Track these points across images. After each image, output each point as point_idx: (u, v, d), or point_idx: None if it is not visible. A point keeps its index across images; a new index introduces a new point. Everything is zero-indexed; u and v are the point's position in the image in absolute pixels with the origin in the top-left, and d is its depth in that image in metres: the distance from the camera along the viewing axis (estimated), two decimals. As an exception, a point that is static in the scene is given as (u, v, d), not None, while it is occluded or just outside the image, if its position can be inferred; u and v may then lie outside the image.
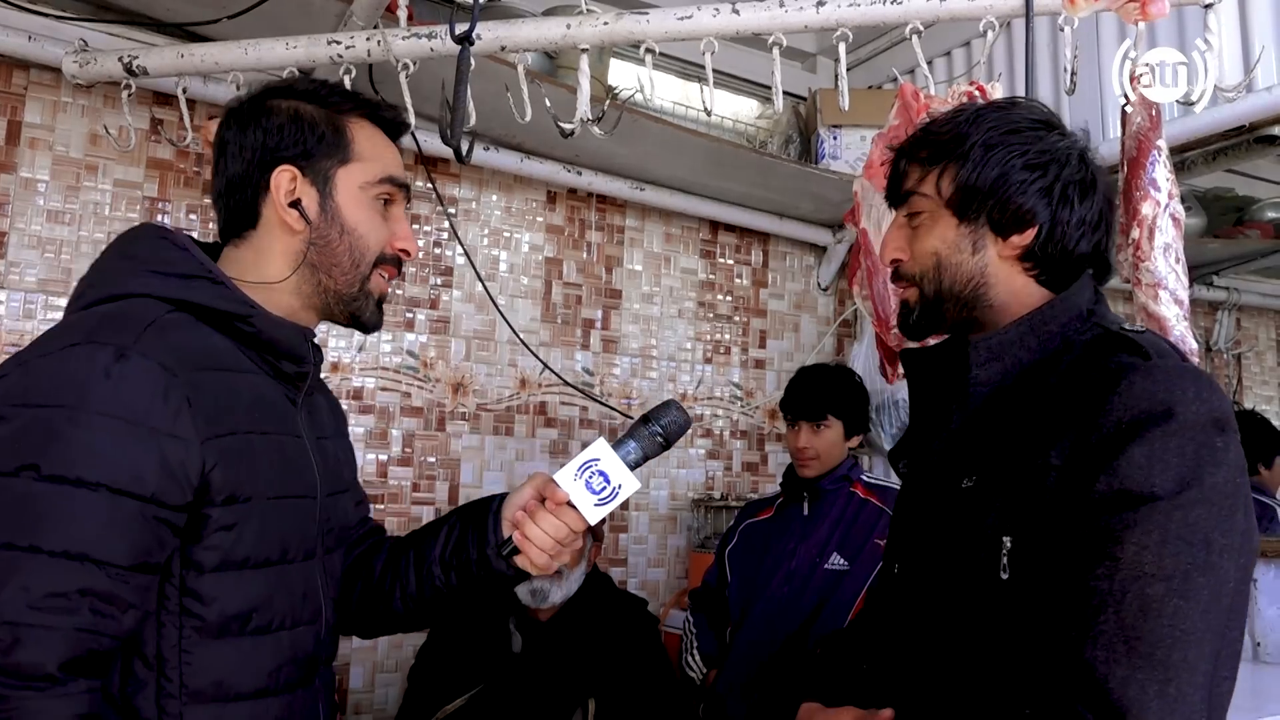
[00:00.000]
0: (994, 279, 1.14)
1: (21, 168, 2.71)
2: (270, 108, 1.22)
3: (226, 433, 1.06)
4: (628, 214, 3.60)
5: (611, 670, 2.39)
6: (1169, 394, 0.97)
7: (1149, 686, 0.89)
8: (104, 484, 0.96)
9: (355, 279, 1.22)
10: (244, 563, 1.08)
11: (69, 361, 0.99)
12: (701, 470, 3.66)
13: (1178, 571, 0.91)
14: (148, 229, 1.20)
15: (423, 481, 3.16)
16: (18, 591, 0.92)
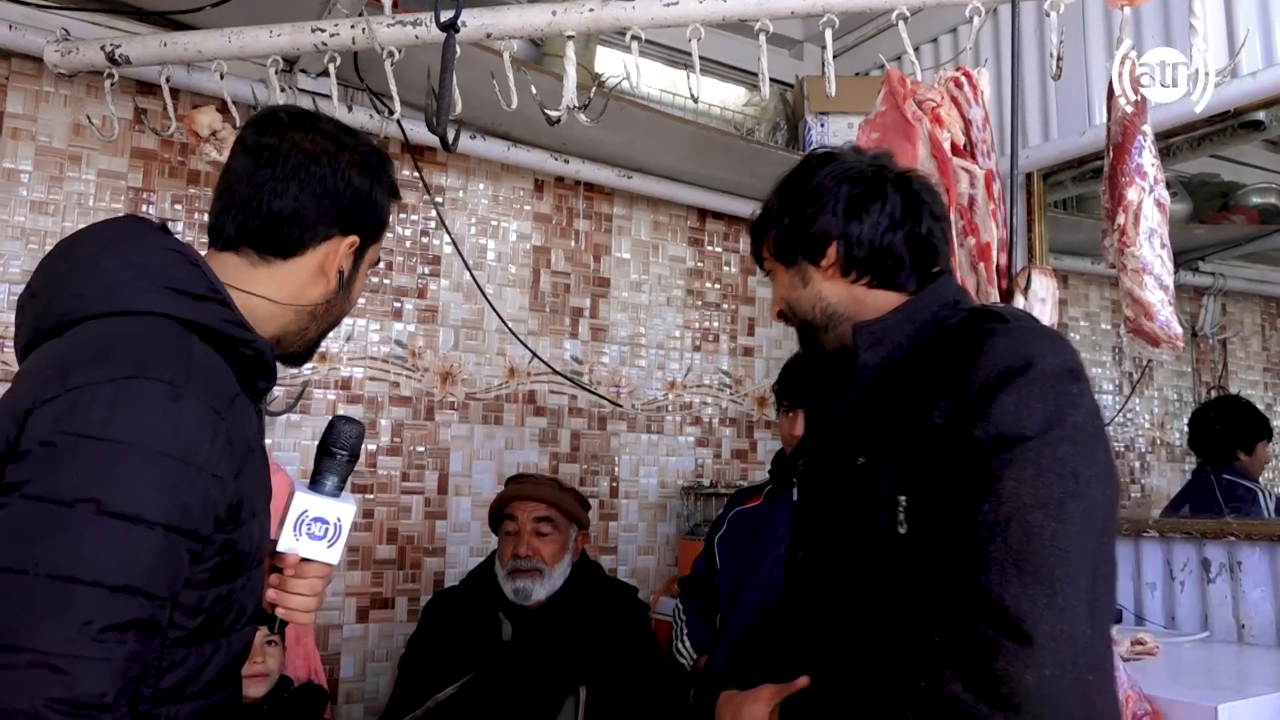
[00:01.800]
0: (831, 297, 1.32)
1: (4, 158, 2.69)
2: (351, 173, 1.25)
3: (245, 464, 1.11)
4: (615, 202, 3.60)
5: (602, 658, 2.40)
6: (1027, 349, 1.11)
7: (1039, 599, 0.99)
8: (161, 523, 0.99)
9: (321, 337, 1.32)
10: (223, 578, 1.12)
11: (128, 395, 1.00)
12: (691, 458, 3.67)
13: (1052, 500, 1.02)
14: (145, 230, 1.19)
15: (412, 471, 3.16)
16: (81, 625, 0.93)
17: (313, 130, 1.26)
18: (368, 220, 1.27)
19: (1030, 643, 0.99)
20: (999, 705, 0.99)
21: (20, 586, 0.93)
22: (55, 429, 0.97)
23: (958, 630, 1.03)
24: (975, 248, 1.93)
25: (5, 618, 0.92)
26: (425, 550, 3.16)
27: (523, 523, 2.47)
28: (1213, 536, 2.59)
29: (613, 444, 3.52)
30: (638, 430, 3.57)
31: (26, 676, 0.91)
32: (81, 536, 0.95)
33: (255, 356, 1.18)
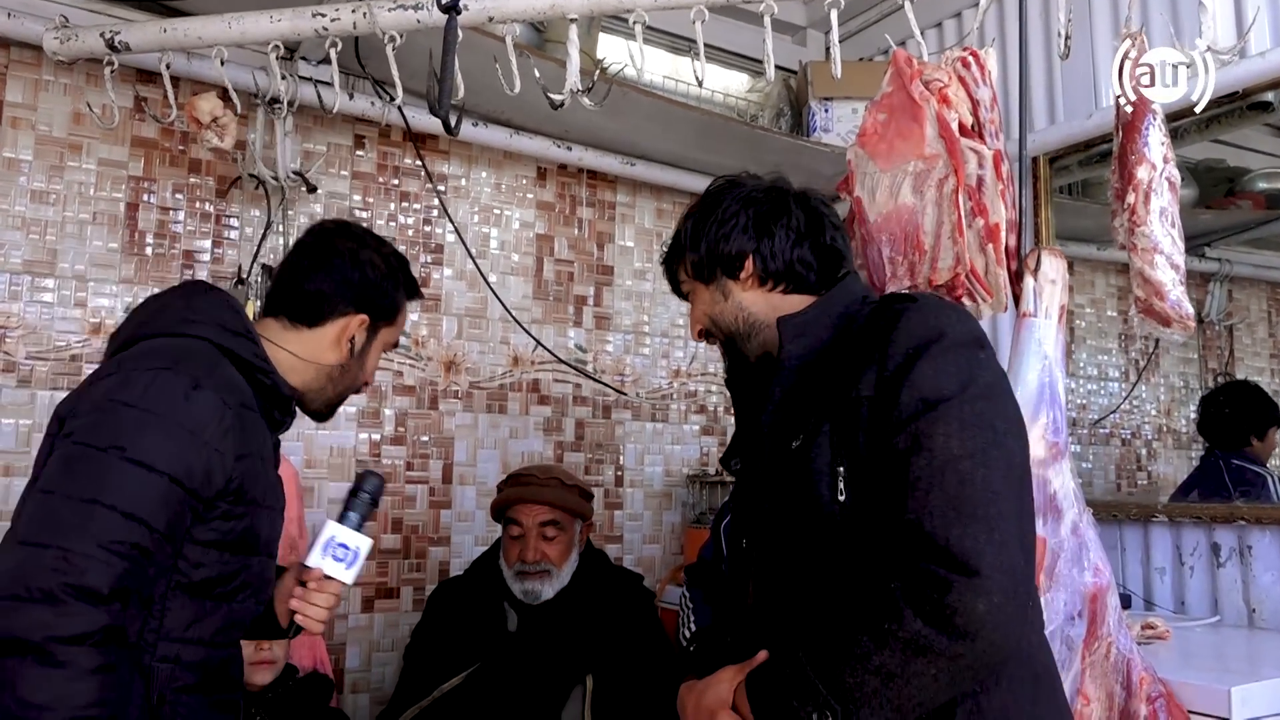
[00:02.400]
0: (752, 307, 1.44)
1: (4, 148, 2.67)
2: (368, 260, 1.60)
3: (248, 454, 1.42)
4: (619, 190, 3.58)
5: (609, 647, 2.39)
6: (938, 320, 1.24)
7: (980, 536, 1.10)
8: (167, 474, 1.30)
9: (342, 396, 1.65)
10: (228, 545, 1.41)
11: (160, 381, 1.35)
12: (696, 446, 3.65)
13: (977, 450, 1.14)
14: (209, 288, 1.58)
15: (416, 460, 3.15)
16: (94, 533, 1.24)
17: (345, 234, 1.65)
18: (379, 304, 1.61)
19: (978, 574, 1.09)
20: (956, 634, 1.09)
21: (57, 503, 1.26)
22: (106, 397, 1.34)
23: (910, 574, 1.12)
24: (984, 228, 1.91)
25: (42, 523, 1.25)
26: (430, 540, 3.15)
27: (528, 527, 2.46)
28: (1223, 521, 2.57)
29: (617, 432, 3.50)
30: (642, 419, 3.55)
31: (51, 565, 1.21)
32: (107, 473, 1.27)
33: (272, 387, 1.51)
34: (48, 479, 1.30)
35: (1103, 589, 1.74)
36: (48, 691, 1.18)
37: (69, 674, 1.19)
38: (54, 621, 1.19)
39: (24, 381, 2.65)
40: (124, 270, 2.80)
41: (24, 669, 1.17)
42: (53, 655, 1.18)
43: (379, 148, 3.16)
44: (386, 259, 1.64)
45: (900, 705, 1.12)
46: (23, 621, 1.18)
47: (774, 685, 1.21)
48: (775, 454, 1.35)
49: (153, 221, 2.84)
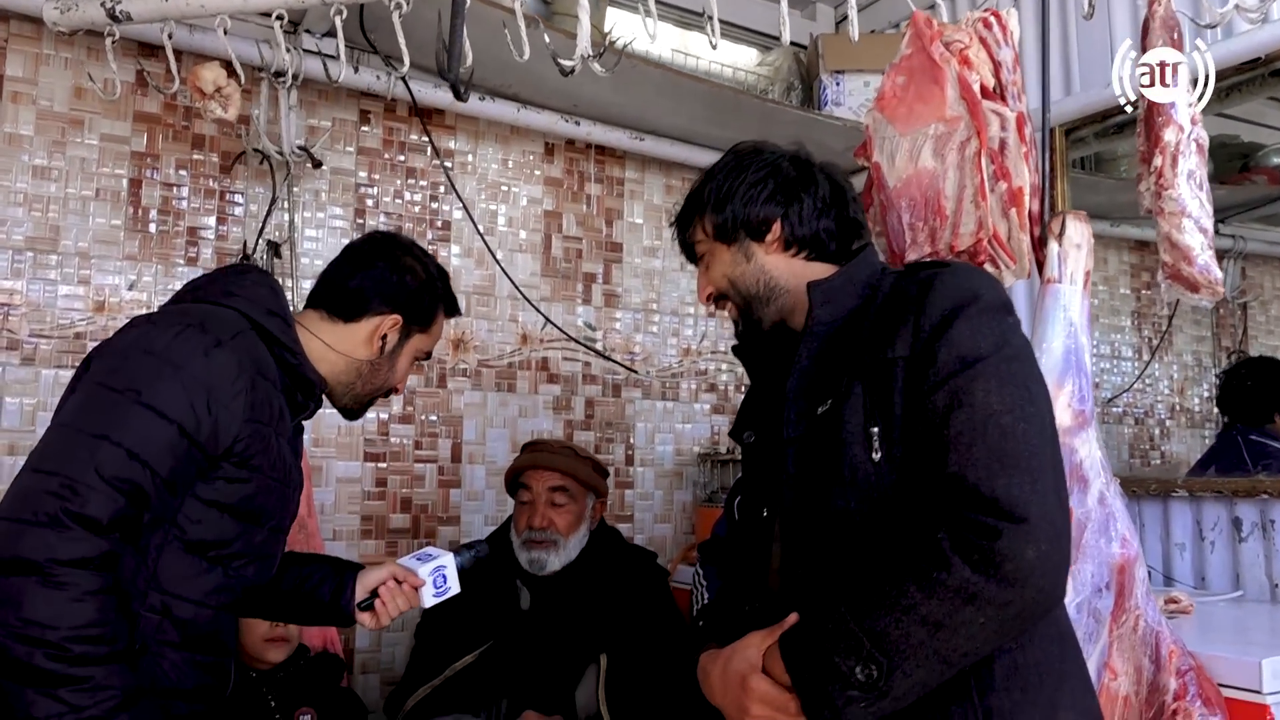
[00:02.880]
0: (774, 271, 1.44)
1: (4, 123, 2.63)
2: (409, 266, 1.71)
3: (258, 421, 1.47)
4: (627, 166, 3.53)
5: (623, 625, 2.35)
6: (971, 284, 1.26)
7: (1025, 485, 1.11)
8: (176, 421, 1.36)
9: (371, 395, 1.73)
10: (228, 508, 1.46)
11: (184, 335, 1.42)
12: (706, 425, 3.61)
13: (1015, 405, 1.16)
14: (257, 270, 1.70)
15: (425, 439, 3.11)
16: (99, 467, 1.30)
17: (392, 241, 1.77)
18: (414, 309, 1.70)
19: (1026, 521, 1.09)
20: (1005, 581, 1.09)
21: (70, 436, 1.34)
22: (132, 344, 1.42)
23: (957, 524, 1.11)
24: (1007, 193, 1.87)
25: (53, 453, 1.33)
26: (439, 519, 3.11)
27: (537, 493, 2.42)
28: (1245, 495, 2.53)
29: (628, 411, 3.47)
30: (653, 397, 3.52)
31: (56, 491, 1.28)
32: (120, 413, 1.34)
33: (296, 367, 1.57)
34: (66, 414, 1.39)
35: (1130, 560, 1.70)
36: (48, 610, 1.24)
37: (69, 594, 1.25)
38: (56, 544, 1.25)
39: (28, 360, 2.62)
40: (127, 247, 2.76)
41: (28, 588, 1.24)
42: (54, 576, 1.24)
43: (384, 123, 3.11)
44: (428, 270, 1.74)
45: (946, 656, 1.11)
46: (28, 543, 1.25)
47: (812, 642, 1.18)
48: (801, 419, 1.35)
49: (156, 198, 2.80)
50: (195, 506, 1.43)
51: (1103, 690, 1.66)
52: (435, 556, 1.75)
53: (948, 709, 1.17)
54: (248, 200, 2.91)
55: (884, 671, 1.11)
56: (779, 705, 1.21)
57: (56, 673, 1.24)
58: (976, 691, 1.17)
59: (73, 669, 1.25)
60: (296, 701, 2.31)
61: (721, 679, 1.29)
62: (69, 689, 1.25)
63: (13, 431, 2.58)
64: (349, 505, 2.98)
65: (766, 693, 1.21)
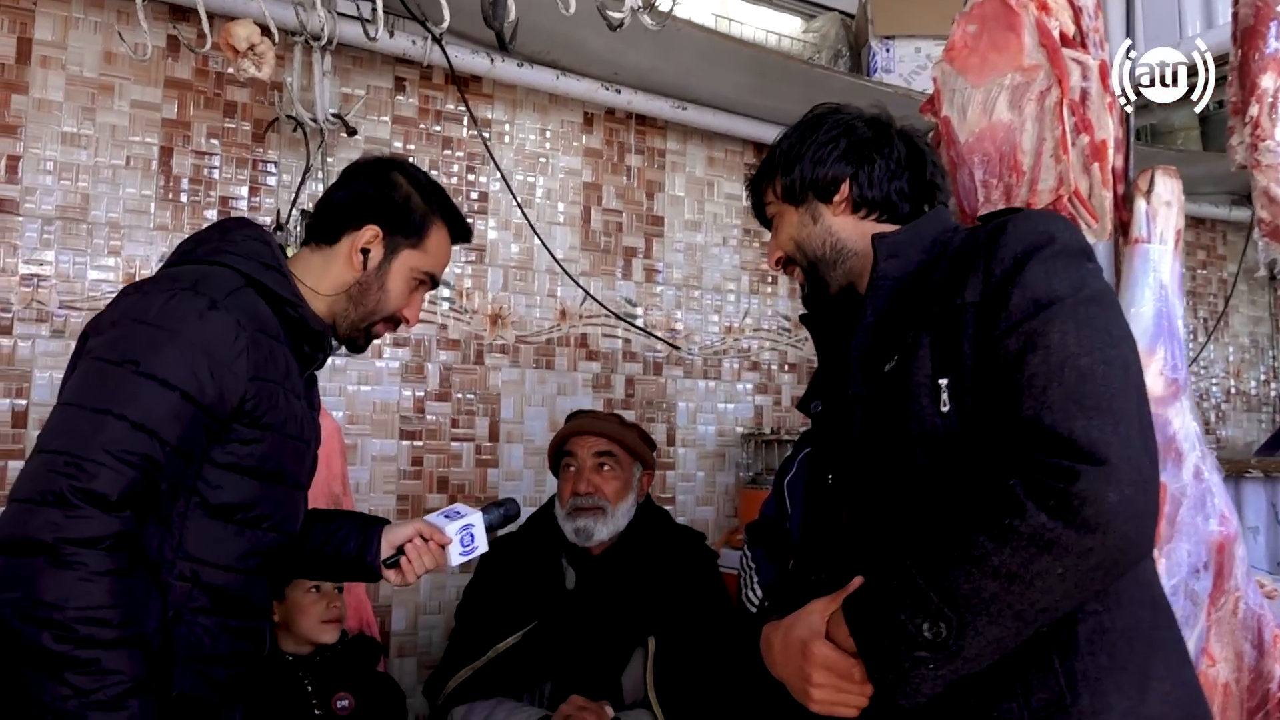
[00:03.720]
0: (842, 233, 1.39)
1: (34, 88, 2.56)
2: (392, 180, 1.61)
3: (264, 379, 1.42)
4: (669, 136, 3.42)
5: (671, 607, 2.25)
6: (1046, 226, 1.20)
7: (1105, 429, 1.03)
8: (179, 388, 1.32)
9: (366, 319, 1.61)
10: (247, 470, 1.43)
11: (176, 300, 1.37)
12: (749, 404, 3.50)
13: (1095, 348, 1.08)
14: (246, 224, 1.59)
15: (462, 417, 3.02)
16: (105, 442, 1.27)
17: (376, 160, 1.67)
18: (395, 219, 1.58)
19: (1106, 463, 1.01)
20: (1085, 527, 1.00)
21: (73, 413, 1.31)
22: (124, 315, 1.37)
23: (1031, 468, 1.04)
24: (1089, 146, 1.75)
25: (58, 433, 1.30)
26: (476, 500, 3.02)
27: (583, 459, 2.32)
28: (1327, 474, 2.40)
29: (669, 390, 3.36)
30: (695, 376, 3.41)
31: (63, 470, 1.25)
32: (121, 386, 1.31)
33: (300, 320, 1.52)
34: (68, 392, 1.36)
35: (1230, 538, 1.58)
36: (58, 590, 1.22)
37: (79, 574, 1.23)
38: (64, 523, 1.23)
39: (57, 332, 2.55)
40: (159, 217, 2.68)
41: (38, 568, 1.22)
42: (63, 556, 1.22)
43: (420, 91, 3.02)
44: (415, 182, 1.63)
45: (1021, 611, 1.03)
46: (36, 523, 1.23)
47: (877, 603, 1.11)
48: (867, 378, 1.29)
49: (188, 167, 2.72)
50: (213, 471, 1.40)
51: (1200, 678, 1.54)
52: (463, 514, 1.68)
53: (1026, 674, 1.09)
54: (281, 170, 2.82)
55: (954, 629, 1.03)
56: (842, 671, 1.14)
57: (63, 654, 1.22)
58: (1058, 655, 1.09)
59: (78, 651, 1.22)
60: (333, 686, 2.24)
61: (783, 648, 1.21)
62: (74, 672, 1.22)
63: (44, 406, 2.51)
64: (384, 484, 2.90)
65: (829, 658, 1.14)
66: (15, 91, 2.54)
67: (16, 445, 2.49)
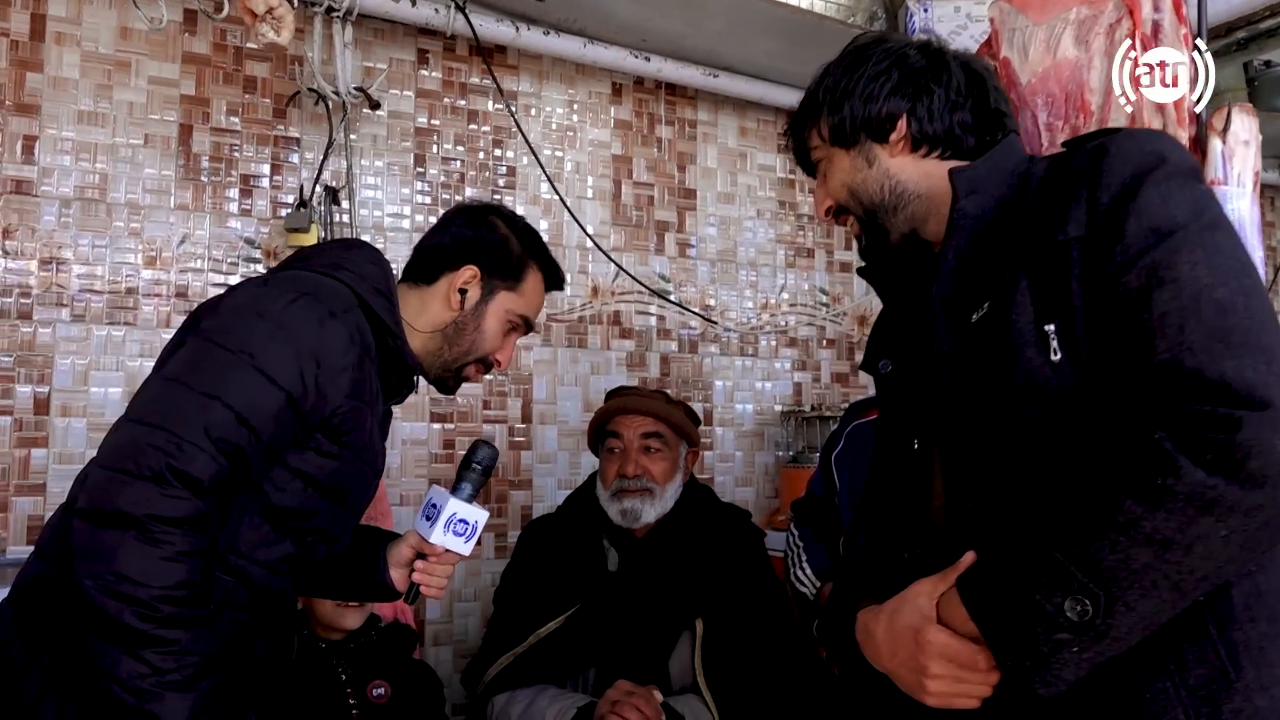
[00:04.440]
0: (900, 174, 1.25)
1: (49, 66, 2.49)
2: (491, 223, 1.64)
3: (358, 399, 1.42)
4: (699, 106, 3.31)
5: (719, 588, 2.16)
6: (1154, 146, 1.06)
7: (1259, 366, 0.90)
8: (286, 389, 1.33)
9: (459, 360, 1.61)
10: (314, 481, 1.42)
11: (300, 304, 1.37)
12: (788, 381, 3.40)
13: (1230, 277, 0.96)
14: (366, 246, 1.60)
15: (493, 399, 2.93)
16: (208, 426, 1.26)
17: (475, 205, 1.71)
18: (493, 260, 1.60)
19: (1269, 406, 0.88)
20: (1252, 481, 0.88)
21: (179, 392, 1.29)
22: (246, 305, 1.38)
23: (1179, 419, 0.91)
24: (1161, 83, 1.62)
25: (160, 407, 1.28)
26: (510, 483, 2.94)
27: (629, 440, 2.23)
28: None
29: (705, 368, 3.26)
30: (731, 353, 3.31)
31: (162, 447, 1.24)
32: (233, 374, 1.31)
33: (396, 351, 1.51)
34: (173, 368, 1.34)
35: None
36: (141, 566, 1.20)
37: (164, 553, 1.21)
38: (158, 500, 1.22)
39: (78, 317, 2.48)
40: (179, 197, 2.61)
41: (125, 542, 1.20)
42: (152, 532, 1.21)
43: (444, 63, 2.93)
44: (513, 226, 1.66)
45: (1179, 581, 0.90)
46: (129, 496, 1.21)
47: (1003, 581, 0.98)
48: (953, 329, 1.16)
49: (207, 144, 2.64)
50: (282, 474, 1.39)
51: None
52: (439, 507, 1.56)
53: (1179, 648, 0.97)
54: (303, 147, 2.74)
55: (1101, 606, 0.91)
56: (964, 660, 1.01)
57: (145, 633, 1.20)
58: (1214, 624, 0.97)
59: (161, 630, 1.21)
60: (368, 674, 2.16)
61: (889, 637, 1.09)
62: (155, 650, 1.21)
63: (65, 392, 2.45)
64: (416, 469, 2.82)
65: (947, 646, 1.02)
66: (30, 70, 2.47)
67: (39, 433, 2.42)
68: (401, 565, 1.62)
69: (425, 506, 1.58)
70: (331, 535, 1.50)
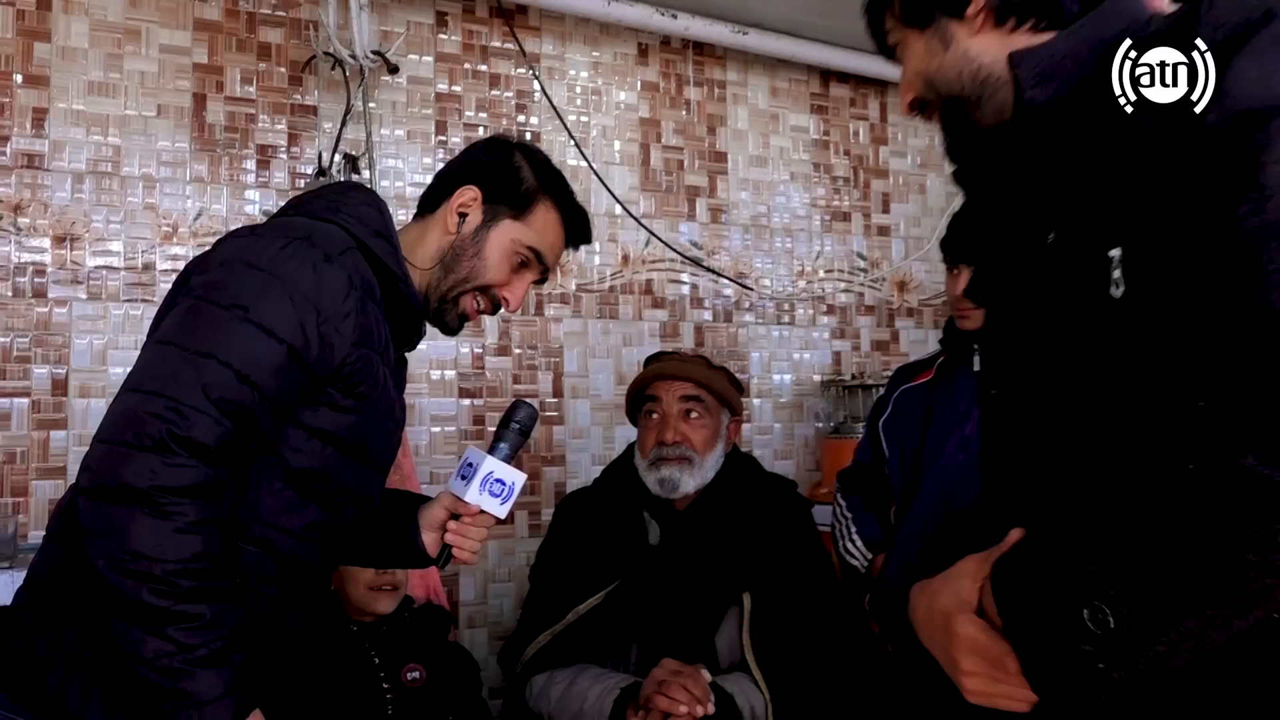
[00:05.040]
0: (983, 56, 1.01)
1: (57, 35, 2.40)
2: (507, 151, 1.51)
3: (366, 347, 1.32)
4: (729, 66, 3.19)
5: (766, 561, 2.05)
6: None
7: None
8: (287, 341, 1.23)
9: (456, 287, 1.46)
10: (331, 439, 1.32)
11: (291, 249, 1.27)
12: (827, 350, 3.28)
13: None
14: (361, 188, 1.51)
15: (523, 373, 2.84)
16: (206, 388, 1.18)
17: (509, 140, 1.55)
18: (498, 183, 1.46)
19: None
20: None
21: (173, 355, 1.21)
22: (235, 257, 1.28)
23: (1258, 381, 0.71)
24: None
25: (156, 373, 1.20)
26: (543, 459, 2.85)
27: (668, 405, 2.12)
28: None
29: (741, 338, 3.15)
30: (767, 322, 3.19)
31: (160, 414, 1.16)
32: (227, 331, 1.21)
33: (403, 296, 1.41)
34: (165, 330, 1.26)
35: None
36: (154, 540, 1.13)
37: (176, 524, 1.15)
38: (162, 470, 1.14)
39: (94, 295, 2.40)
40: (195, 169, 2.52)
41: (134, 517, 1.13)
42: (160, 505, 1.14)
43: (463, 25, 2.82)
44: (532, 160, 1.51)
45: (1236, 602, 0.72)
46: (132, 468, 1.14)
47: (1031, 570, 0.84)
48: (1027, 252, 0.99)
49: (222, 114, 2.55)
50: (297, 434, 1.30)
51: None
52: (475, 465, 1.47)
53: None
54: (321, 116, 2.65)
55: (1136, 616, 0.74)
56: (994, 658, 0.86)
57: (166, 609, 1.13)
58: None
59: (182, 605, 1.14)
60: (402, 657, 2.07)
61: (927, 619, 0.94)
62: (178, 627, 1.13)
63: (83, 372, 2.37)
64: (445, 446, 2.73)
65: (976, 640, 0.87)
66: (38, 40, 2.39)
67: (58, 415, 2.35)
68: (434, 528, 1.51)
69: (461, 466, 1.50)
70: (359, 495, 1.41)
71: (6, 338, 2.32)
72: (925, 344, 3.28)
